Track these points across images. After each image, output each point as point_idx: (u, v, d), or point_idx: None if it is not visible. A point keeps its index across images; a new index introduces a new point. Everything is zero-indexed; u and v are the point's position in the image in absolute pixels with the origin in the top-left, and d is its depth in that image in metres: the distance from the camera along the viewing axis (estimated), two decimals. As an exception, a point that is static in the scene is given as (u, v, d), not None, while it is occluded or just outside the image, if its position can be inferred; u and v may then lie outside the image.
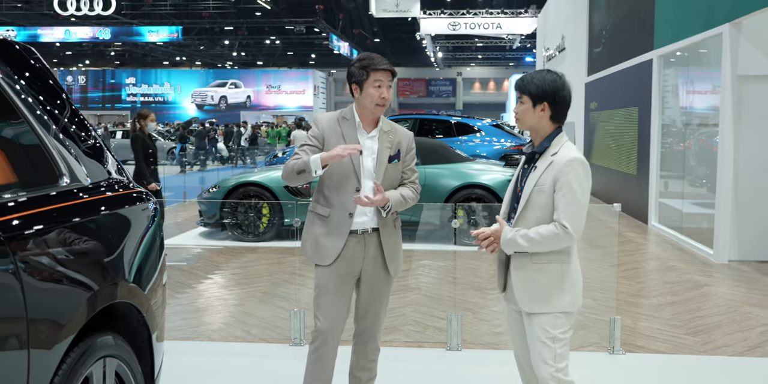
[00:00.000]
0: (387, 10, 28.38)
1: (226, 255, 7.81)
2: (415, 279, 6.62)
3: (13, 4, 32.61)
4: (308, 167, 3.03)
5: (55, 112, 2.47)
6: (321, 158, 3.01)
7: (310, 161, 3.03)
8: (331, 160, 3.02)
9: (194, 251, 8.13)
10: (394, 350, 4.57)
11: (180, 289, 6.22)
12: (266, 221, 8.43)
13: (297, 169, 3.07)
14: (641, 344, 4.70)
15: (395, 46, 47.56)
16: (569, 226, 2.67)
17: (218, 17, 35.78)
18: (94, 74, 48.17)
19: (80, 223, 2.25)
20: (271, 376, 4.05)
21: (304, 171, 3.05)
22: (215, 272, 6.97)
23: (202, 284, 6.43)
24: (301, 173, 3.06)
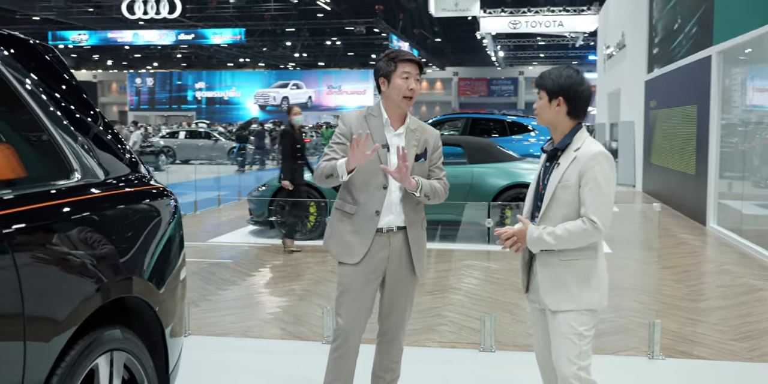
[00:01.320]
0: (446, 9, 28.25)
1: (272, 253, 7.88)
2: (457, 279, 6.56)
3: (84, 9, 33.71)
4: (335, 172, 3.04)
5: (71, 109, 2.51)
6: (346, 163, 3.01)
7: (336, 166, 3.03)
8: (355, 164, 3.00)
9: (242, 249, 8.24)
10: (426, 350, 4.53)
11: (223, 285, 6.30)
12: (313, 220, 8.47)
13: (326, 173, 3.07)
14: (684, 349, 4.54)
15: (456, 46, 47.28)
16: (598, 220, 2.62)
17: (280, 19, 36.23)
18: (161, 76, 49.44)
19: (86, 217, 2.28)
20: (295, 373, 4.06)
21: (332, 175, 3.05)
22: (259, 270, 7.04)
23: (245, 281, 6.50)
24: (330, 177, 3.07)
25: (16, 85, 2.25)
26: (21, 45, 2.43)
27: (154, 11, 29.20)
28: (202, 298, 5.83)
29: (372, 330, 3.41)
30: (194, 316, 5.25)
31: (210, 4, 33.52)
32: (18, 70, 2.31)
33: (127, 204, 2.60)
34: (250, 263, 7.31)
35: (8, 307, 1.85)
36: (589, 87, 2.78)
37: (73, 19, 34.60)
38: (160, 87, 48.74)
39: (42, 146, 2.31)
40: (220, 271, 6.85)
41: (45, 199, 2.15)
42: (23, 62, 2.36)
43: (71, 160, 2.38)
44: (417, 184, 3.07)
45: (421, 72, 3.19)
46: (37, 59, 2.49)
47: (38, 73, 2.43)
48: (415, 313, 5.37)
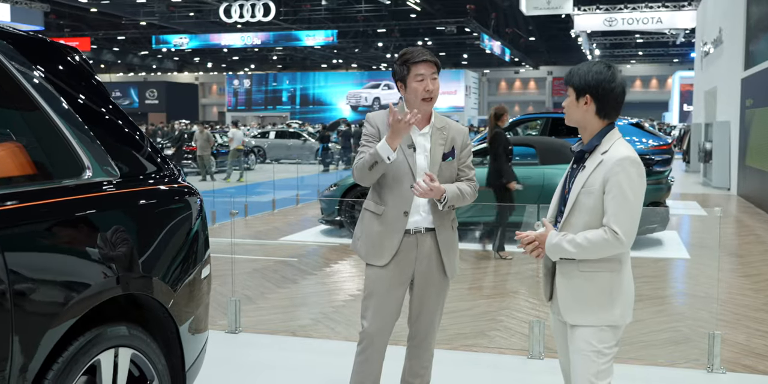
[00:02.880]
0: (538, 7, 27.66)
1: (339, 252, 7.91)
2: (519, 283, 6.39)
3: (185, 14, 34.99)
4: (378, 157, 2.93)
5: (88, 109, 2.57)
6: (387, 142, 2.91)
7: (377, 150, 2.93)
8: (398, 138, 2.91)
9: (309, 248, 8.32)
10: (473, 355, 4.43)
11: (283, 283, 6.37)
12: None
13: (367, 164, 2.97)
14: (747, 363, 4.25)
15: (551, 45, 46.42)
16: (620, 231, 2.43)
17: (373, 20, 36.51)
18: (257, 78, 50.72)
19: (90, 214, 2.33)
20: (335, 373, 4.03)
21: (375, 163, 2.95)
22: (322, 269, 7.08)
23: (305, 280, 6.55)
24: (374, 166, 2.97)
25: (27, 85, 2.31)
26: (39, 46, 2.50)
27: (249, 14, 29.96)
28: (261, 296, 5.91)
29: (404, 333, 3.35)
30: (249, 313, 5.33)
31: (303, 6, 34.13)
32: (32, 70, 2.37)
33: (140, 202, 2.64)
34: (314, 262, 7.36)
35: None
36: (621, 84, 2.58)
37: (175, 23, 35.96)
38: (256, 88, 50.01)
39: (53, 145, 2.37)
40: (283, 269, 6.93)
41: (46, 197, 2.20)
42: (40, 63, 2.42)
43: (83, 158, 2.42)
44: (444, 196, 2.99)
45: (438, 69, 3.10)
46: (56, 60, 2.56)
47: (56, 74, 2.49)
48: (468, 317, 5.28)
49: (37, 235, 2.10)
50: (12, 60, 2.30)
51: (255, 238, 9.03)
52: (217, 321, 5.10)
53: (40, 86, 2.36)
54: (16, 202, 2.10)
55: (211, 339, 4.64)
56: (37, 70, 2.39)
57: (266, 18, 29.83)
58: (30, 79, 2.33)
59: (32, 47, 2.44)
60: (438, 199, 3.00)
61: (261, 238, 9.05)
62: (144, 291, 2.49)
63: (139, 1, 32.13)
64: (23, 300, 1.98)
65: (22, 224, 2.07)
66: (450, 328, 5.03)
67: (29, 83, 2.32)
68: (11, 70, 2.28)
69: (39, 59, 2.43)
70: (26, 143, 2.32)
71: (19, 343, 1.97)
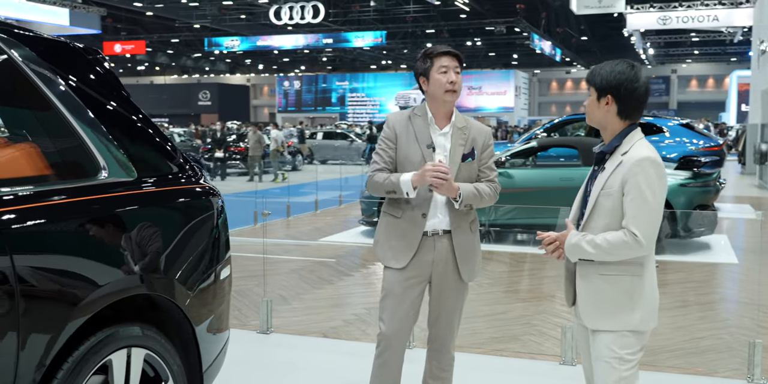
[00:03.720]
0: (589, 6, 27.19)
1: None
2: (557, 285, 6.27)
3: (236, 16, 35.48)
4: (399, 189, 2.94)
5: (107, 111, 2.59)
6: (412, 181, 2.91)
7: (400, 183, 2.93)
8: (423, 183, 2.90)
9: (348, 248, 8.31)
10: (504, 360, 4.35)
11: (318, 284, 6.37)
12: None
13: (387, 189, 2.98)
14: (792, 374, 4.08)
15: (603, 44, 45.61)
16: (639, 233, 2.36)
17: (422, 20, 36.45)
18: (307, 79, 51.14)
19: (102, 214, 2.34)
20: (361, 376, 4.00)
21: (395, 192, 2.97)
22: (359, 270, 7.06)
23: (341, 281, 6.54)
24: (390, 193, 2.99)
25: (43, 87, 2.33)
26: (55, 48, 2.52)
27: (299, 16, 30.18)
28: (296, 296, 5.92)
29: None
30: (283, 313, 5.35)
31: (352, 7, 34.26)
32: (50, 72, 2.39)
33: (155, 202, 2.64)
34: (351, 263, 7.35)
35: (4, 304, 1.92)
36: (645, 84, 2.50)
37: (227, 26, 36.48)
38: (306, 89, 50.42)
39: (68, 146, 2.40)
40: (320, 270, 6.94)
41: (59, 197, 2.22)
42: (57, 65, 2.44)
43: (99, 159, 2.44)
44: (459, 194, 2.94)
45: (461, 64, 3.04)
46: (75, 62, 2.58)
47: (75, 76, 2.50)
48: (502, 321, 5.20)
49: (49, 235, 2.12)
50: (27, 61, 2.32)
51: (296, 238, 9.08)
52: (250, 321, 5.13)
53: (55, 87, 2.38)
54: (32, 202, 2.13)
55: (242, 339, 4.69)
56: (55, 73, 2.41)
57: (315, 19, 30.00)
58: (46, 81, 2.35)
59: (48, 49, 2.47)
60: (453, 198, 2.95)
61: (302, 238, 9.09)
62: (160, 291, 2.50)
63: (192, 5, 32.69)
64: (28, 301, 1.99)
65: (35, 223, 2.09)
66: (484, 331, 4.97)
67: (45, 85, 2.34)
68: (27, 72, 2.30)
69: (55, 61, 2.45)
70: (42, 144, 2.35)
71: (38, 338, 2.00)
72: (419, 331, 4.17)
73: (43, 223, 2.11)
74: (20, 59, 2.31)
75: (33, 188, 2.21)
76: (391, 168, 3.06)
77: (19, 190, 2.17)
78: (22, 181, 2.21)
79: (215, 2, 32.63)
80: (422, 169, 2.89)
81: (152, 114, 54.55)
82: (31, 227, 2.07)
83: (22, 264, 1.97)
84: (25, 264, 1.98)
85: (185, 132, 26.48)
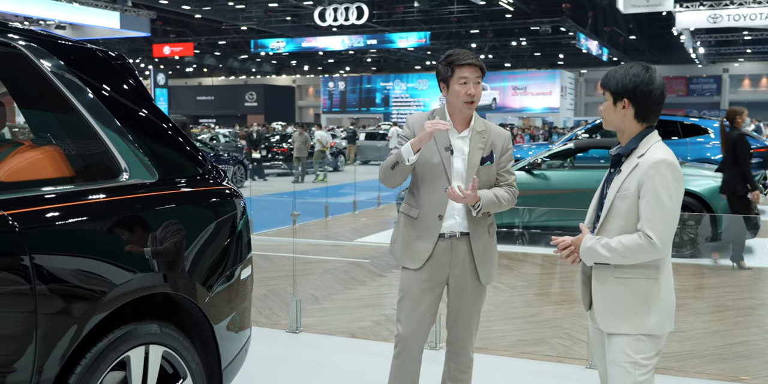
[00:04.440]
0: (636, 5, 26.77)
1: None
2: (591, 290, 6.21)
3: (282, 18, 35.85)
4: (400, 157, 2.95)
5: (129, 113, 2.66)
6: (411, 144, 2.93)
7: (401, 151, 2.95)
8: (422, 143, 2.91)
9: (383, 249, 8.33)
10: (530, 363, 4.33)
11: (350, 284, 6.42)
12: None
13: (390, 163, 2.99)
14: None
15: (652, 43, 44.83)
16: (654, 236, 2.36)
17: (467, 21, 36.31)
18: (352, 80, 51.39)
19: (121, 215, 2.42)
20: (375, 375, 4.02)
21: (397, 163, 2.97)
22: (392, 271, 7.08)
23: (373, 282, 6.58)
24: (396, 167, 2.98)
25: (66, 92, 2.42)
26: (81, 54, 2.61)
27: (343, 18, 30.37)
28: (328, 296, 5.98)
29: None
30: (314, 313, 5.41)
31: (396, 8, 34.31)
32: (74, 77, 2.47)
33: (177, 203, 2.72)
34: (384, 264, 7.38)
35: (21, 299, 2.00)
36: (660, 86, 2.49)
37: (272, 27, 36.88)
38: (350, 90, 50.67)
39: (91, 148, 2.48)
40: (354, 270, 6.99)
41: (80, 199, 2.31)
42: (82, 71, 2.52)
43: (120, 161, 2.52)
44: (478, 204, 2.95)
45: (483, 73, 3.05)
46: (100, 68, 2.66)
47: (99, 81, 2.59)
48: (532, 324, 5.18)
49: (68, 236, 2.20)
50: (52, 68, 2.40)
51: (332, 239, 9.15)
52: (281, 320, 5.20)
53: (79, 92, 2.46)
54: (56, 203, 2.22)
55: (271, 337, 4.76)
56: (78, 78, 2.49)
57: (360, 21, 30.15)
58: (69, 86, 2.43)
59: (73, 55, 2.55)
60: (472, 205, 2.96)
61: (338, 239, 9.16)
62: (179, 290, 2.56)
63: (238, 7, 33.13)
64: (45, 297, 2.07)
65: (57, 224, 2.17)
66: (513, 334, 4.96)
67: (68, 90, 2.42)
68: (51, 78, 2.39)
69: (79, 67, 2.53)
70: (65, 147, 2.44)
71: (66, 331, 2.11)
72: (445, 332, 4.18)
73: (62, 223, 2.19)
74: (46, 66, 2.39)
75: (55, 189, 2.30)
76: None
77: (42, 191, 2.25)
78: (45, 183, 2.30)
79: (261, 4, 33.04)
80: (421, 131, 2.90)
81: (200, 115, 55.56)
82: (54, 227, 2.16)
83: (43, 263, 2.05)
84: (45, 263, 2.06)
85: (230, 133, 26.83)
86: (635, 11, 27.32)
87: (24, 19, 26.45)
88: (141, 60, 48.70)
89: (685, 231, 7.40)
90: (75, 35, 28.05)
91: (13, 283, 1.98)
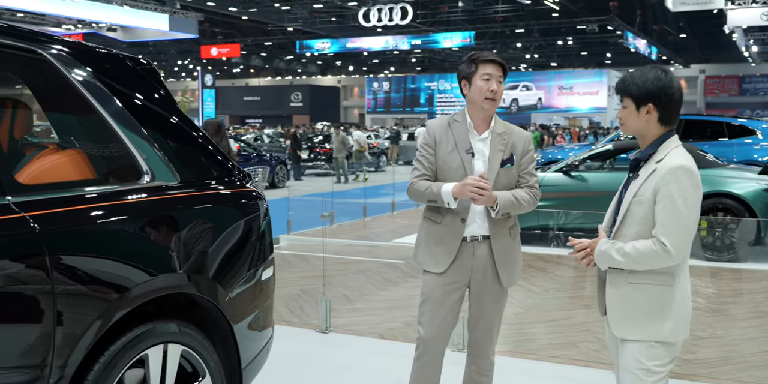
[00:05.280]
0: (685, 3, 26.27)
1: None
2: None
3: (327, 19, 36.08)
4: (440, 200, 2.99)
5: (151, 116, 2.73)
6: (452, 191, 2.95)
7: (441, 194, 2.98)
8: (461, 197, 2.94)
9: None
10: (556, 366, 4.31)
11: (383, 285, 6.45)
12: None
13: (428, 198, 3.05)
14: None
15: (703, 41, 43.90)
16: (668, 243, 2.34)
17: (513, 20, 36.05)
18: (396, 80, 51.45)
19: (142, 217, 2.48)
20: (401, 376, 4.04)
21: (436, 202, 3.03)
22: (426, 272, 7.10)
23: (406, 282, 6.59)
24: (432, 202, 3.06)
25: (89, 96, 2.49)
26: (105, 59, 2.68)
27: (387, 18, 30.43)
28: (360, 297, 6.02)
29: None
30: (344, 314, 5.45)
31: (441, 8, 34.24)
32: (97, 82, 2.54)
33: (198, 205, 2.77)
34: (419, 265, 7.39)
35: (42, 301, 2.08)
36: (679, 87, 2.49)
37: (317, 28, 37.15)
38: (395, 90, 50.73)
39: (113, 151, 2.55)
40: (387, 271, 7.02)
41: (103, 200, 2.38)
42: (105, 75, 2.59)
43: (142, 163, 2.59)
44: (495, 204, 2.95)
45: (505, 74, 3.05)
46: (124, 73, 2.74)
47: (121, 85, 2.66)
48: (563, 327, 5.13)
49: (88, 236, 2.27)
50: (72, 70, 2.48)
51: (368, 239, 9.19)
52: (311, 320, 5.25)
53: (102, 97, 2.53)
54: (78, 204, 2.29)
55: (299, 337, 4.82)
56: (100, 81, 2.56)
57: (404, 21, 30.17)
58: (92, 90, 2.51)
59: (95, 59, 2.63)
60: (490, 207, 2.96)
61: (374, 239, 9.19)
62: (197, 291, 2.62)
63: (284, 8, 33.45)
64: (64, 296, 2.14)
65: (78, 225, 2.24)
66: (543, 337, 4.93)
67: (92, 95, 2.50)
68: (75, 84, 2.47)
69: (104, 72, 2.61)
70: (88, 150, 2.52)
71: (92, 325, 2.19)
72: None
73: (83, 224, 2.27)
74: (70, 73, 2.47)
75: (77, 191, 2.37)
76: (431, 174, 3.09)
77: (67, 193, 2.33)
78: (68, 185, 2.37)
79: (306, 6, 33.29)
80: (463, 182, 2.92)
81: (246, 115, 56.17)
82: (75, 228, 2.23)
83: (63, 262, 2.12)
84: (66, 262, 2.13)
85: (273, 133, 27.12)
86: (684, 9, 26.81)
87: (77, 22, 27.19)
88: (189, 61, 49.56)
89: (725, 235, 7.24)
90: (126, 37, 28.72)
91: (34, 281, 2.05)
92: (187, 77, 57.10)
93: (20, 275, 2.03)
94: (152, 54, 45.65)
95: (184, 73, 56.10)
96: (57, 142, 2.67)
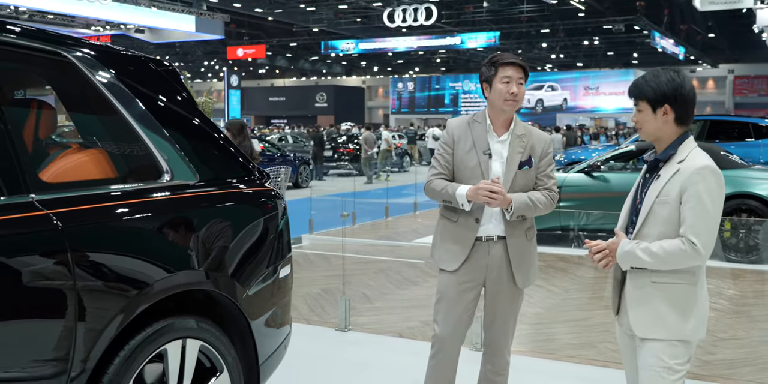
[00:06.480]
0: (714, 2, 25.97)
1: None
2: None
3: (352, 20, 36.21)
4: (455, 201, 3.03)
5: (171, 116, 2.80)
6: (467, 194, 2.99)
7: (456, 195, 3.02)
8: (474, 200, 2.99)
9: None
10: (572, 366, 4.32)
11: (403, 285, 6.48)
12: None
13: (444, 198, 3.09)
14: None
15: (733, 41, 43.35)
16: (698, 242, 2.37)
17: (538, 20, 35.90)
18: (420, 80, 51.44)
19: (162, 215, 2.54)
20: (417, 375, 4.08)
21: (451, 203, 3.07)
22: (447, 272, 7.12)
23: (426, 282, 6.62)
24: (448, 203, 3.10)
25: (111, 97, 2.56)
26: (127, 61, 2.76)
27: (411, 18, 30.45)
28: (380, 296, 6.06)
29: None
30: (364, 312, 5.50)
31: (465, 9, 34.19)
32: (119, 83, 2.61)
33: (217, 204, 2.83)
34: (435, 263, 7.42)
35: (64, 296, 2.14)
36: (692, 87, 2.52)
37: (342, 29, 37.29)
38: (419, 91, 50.73)
39: (134, 151, 2.62)
40: (407, 271, 7.05)
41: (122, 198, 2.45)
42: (127, 76, 2.66)
43: (162, 163, 2.65)
44: (510, 206, 2.98)
45: (526, 75, 3.07)
46: (143, 73, 2.80)
47: (143, 86, 2.73)
48: (582, 327, 5.14)
49: (109, 233, 2.34)
50: (96, 72, 2.55)
51: (390, 239, 9.23)
52: (331, 318, 5.30)
53: (123, 97, 2.60)
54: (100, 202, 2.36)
55: (318, 335, 4.88)
56: (122, 82, 2.63)
57: (428, 21, 30.18)
58: (114, 91, 2.58)
59: (117, 60, 2.70)
60: (505, 209, 2.99)
61: (395, 239, 9.23)
62: (222, 288, 2.68)
63: (309, 9, 33.63)
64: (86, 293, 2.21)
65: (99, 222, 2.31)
66: (562, 337, 4.94)
67: (113, 95, 2.57)
68: (96, 84, 2.54)
69: (125, 73, 2.67)
70: (110, 149, 2.59)
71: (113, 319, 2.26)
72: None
73: (103, 221, 2.33)
74: (94, 74, 2.54)
75: (99, 190, 2.44)
76: (447, 173, 3.13)
77: (89, 191, 2.39)
78: (90, 184, 2.44)
79: (331, 6, 33.43)
80: (476, 186, 2.95)
81: (272, 116, 56.38)
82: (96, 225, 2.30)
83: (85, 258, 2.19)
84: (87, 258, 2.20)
85: (297, 133, 27.28)
86: (712, 8, 26.52)
87: (105, 24, 27.57)
88: (215, 62, 49.98)
89: (749, 236, 7.18)
90: (153, 39, 29.05)
91: (57, 277, 2.11)
92: (213, 78, 57.59)
93: (43, 271, 2.09)
94: (179, 55, 46.15)
95: (210, 73, 56.57)
96: (80, 141, 2.74)
